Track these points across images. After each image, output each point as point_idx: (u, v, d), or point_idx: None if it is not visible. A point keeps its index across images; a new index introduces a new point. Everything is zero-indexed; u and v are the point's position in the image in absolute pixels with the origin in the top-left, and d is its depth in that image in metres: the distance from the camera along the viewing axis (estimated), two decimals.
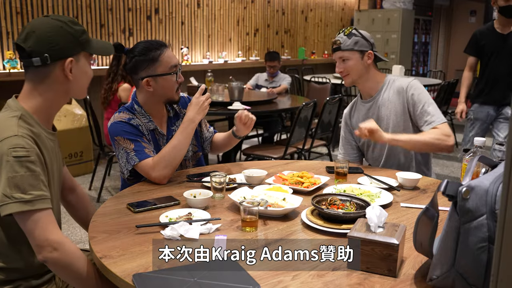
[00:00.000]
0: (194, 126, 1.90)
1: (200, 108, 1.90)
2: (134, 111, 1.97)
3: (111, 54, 1.55)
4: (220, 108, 4.08)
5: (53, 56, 1.36)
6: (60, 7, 4.90)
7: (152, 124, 1.97)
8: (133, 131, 1.89)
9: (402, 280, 1.13)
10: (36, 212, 1.27)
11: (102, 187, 4.05)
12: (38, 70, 1.38)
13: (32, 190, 1.27)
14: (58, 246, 1.29)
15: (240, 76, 6.60)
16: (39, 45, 1.35)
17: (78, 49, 1.41)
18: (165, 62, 1.91)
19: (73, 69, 1.40)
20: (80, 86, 1.47)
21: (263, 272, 1.15)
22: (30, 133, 1.33)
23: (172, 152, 1.84)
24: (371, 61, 2.20)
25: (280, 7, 7.81)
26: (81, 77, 1.45)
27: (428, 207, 1.06)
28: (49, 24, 1.37)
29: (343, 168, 1.93)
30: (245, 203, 1.40)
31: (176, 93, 1.98)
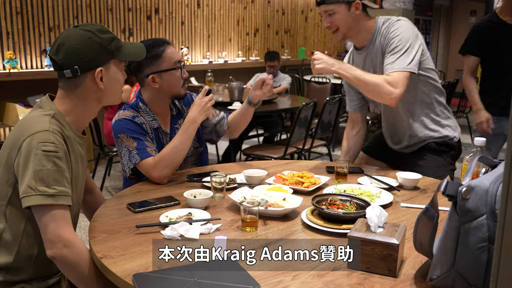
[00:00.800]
0: (195, 127, 1.89)
1: (202, 109, 1.89)
2: (138, 109, 1.97)
3: (142, 58, 1.59)
4: (220, 108, 4.08)
5: (83, 68, 1.40)
6: (60, 7, 4.90)
7: (156, 123, 1.99)
8: (136, 129, 1.89)
9: (402, 280, 1.13)
10: (56, 207, 1.30)
11: (102, 187, 4.06)
12: (70, 81, 1.42)
13: (56, 185, 1.30)
14: (68, 244, 1.30)
15: (240, 76, 6.60)
16: (69, 57, 1.39)
17: (107, 57, 1.44)
18: (169, 57, 1.94)
19: (104, 77, 1.43)
20: (113, 93, 1.50)
21: (263, 272, 1.15)
22: (60, 131, 1.37)
23: (173, 152, 1.85)
24: (359, 11, 2.05)
25: (280, 7, 7.81)
26: (113, 84, 1.48)
27: (428, 207, 1.06)
28: (77, 35, 1.40)
29: (343, 168, 1.93)
30: (245, 203, 1.40)
31: (182, 88, 2.00)
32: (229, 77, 5.71)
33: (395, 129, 2.31)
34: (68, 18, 4.98)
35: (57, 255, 1.30)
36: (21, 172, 1.30)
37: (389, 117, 2.31)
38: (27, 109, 4.34)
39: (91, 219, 1.50)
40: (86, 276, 1.34)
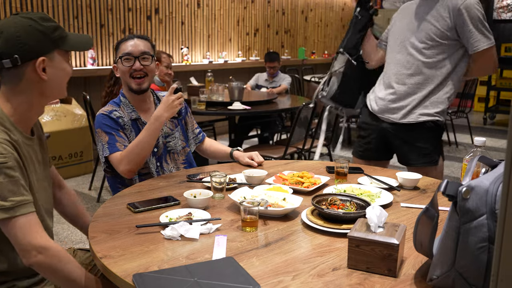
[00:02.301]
0: (159, 124, 1.91)
1: (168, 106, 1.91)
2: (120, 102, 2.08)
3: (90, 49, 1.52)
4: (220, 108, 4.08)
5: (23, 57, 1.31)
6: (60, 7, 4.90)
7: (135, 114, 2.06)
8: (110, 124, 1.97)
9: (402, 280, 1.13)
10: (18, 218, 1.25)
11: (102, 187, 4.05)
12: (11, 72, 1.33)
13: (12, 196, 1.25)
14: (42, 250, 1.26)
15: (240, 76, 6.60)
16: (8, 46, 1.30)
17: (50, 47, 1.36)
18: (121, 49, 2.05)
19: (47, 68, 1.35)
20: (58, 85, 1.41)
21: (263, 272, 1.15)
22: (7, 138, 1.30)
23: (137, 148, 1.89)
24: None
25: (280, 7, 7.80)
26: (58, 75, 1.39)
27: (428, 207, 1.06)
28: (17, 23, 1.32)
29: (343, 168, 1.93)
30: (245, 203, 1.40)
31: (132, 80, 2.03)
32: (229, 77, 5.71)
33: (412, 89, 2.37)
34: (68, 18, 4.98)
35: (33, 263, 1.26)
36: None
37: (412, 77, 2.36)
38: None
39: (92, 219, 1.50)
40: (71, 279, 1.32)
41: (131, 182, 2.02)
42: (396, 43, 2.43)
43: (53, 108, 4.48)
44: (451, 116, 6.28)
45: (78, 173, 4.67)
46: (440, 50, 2.29)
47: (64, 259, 1.31)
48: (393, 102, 2.41)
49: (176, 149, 2.14)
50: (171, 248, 1.28)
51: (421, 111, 2.36)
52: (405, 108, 2.38)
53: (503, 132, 7.46)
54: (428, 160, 2.41)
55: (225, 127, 5.64)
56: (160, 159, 2.09)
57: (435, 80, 2.33)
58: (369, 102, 2.55)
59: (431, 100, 2.35)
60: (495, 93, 8.80)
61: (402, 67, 2.38)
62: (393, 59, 2.44)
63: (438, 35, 2.27)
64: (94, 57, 5.15)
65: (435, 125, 2.38)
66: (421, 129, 2.38)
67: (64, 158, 4.54)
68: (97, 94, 5.02)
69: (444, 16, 2.26)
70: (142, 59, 2.03)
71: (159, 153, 2.09)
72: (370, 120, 2.55)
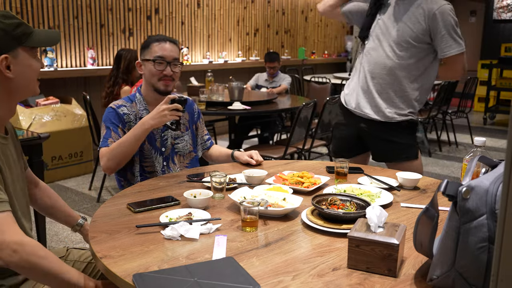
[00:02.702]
0: (144, 130, 1.89)
1: (156, 115, 1.88)
2: (134, 98, 2.10)
3: (56, 43, 1.49)
4: (220, 108, 4.08)
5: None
6: (60, 7, 4.90)
7: (146, 112, 2.06)
8: (113, 119, 2.01)
9: (402, 280, 1.13)
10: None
11: (102, 187, 4.05)
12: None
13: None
14: (17, 247, 1.22)
15: (240, 76, 6.60)
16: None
17: (12, 44, 1.33)
18: (153, 51, 2.05)
19: (11, 66, 1.33)
20: (26, 83, 1.38)
21: (263, 272, 1.15)
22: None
23: (118, 147, 1.91)
24: None
25: (280, 7, 7.80)
26: (24, 72, 1.36)
27: (428, 207, 1.06)
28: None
29: (343, 168, 1.93)
30: (245, 203, 1.40)
31: (160, 83, 2.05)
32: (229, 77, 5.71)
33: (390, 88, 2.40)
34: (68, 18, 4.98)
35: (8, 261, 1.22)
36: None
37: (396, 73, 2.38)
38: (27, 109, 4.35)
39: (92, 219, 1.50)
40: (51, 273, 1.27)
41: (133, 178, 2.04)
42: (372, 37, 2.45)
43: (53, 108, 4.48)
44: (451, 116, 6.28)
45: (78, 173, 4.67)
46: (414, 52, 2.34)
47: (41, 253, 1.26)
48: (368, 99, 2.45)
49: (184, 152, 2.15)
50: (171, 248, 1.28)
51: (395, 110, 2.41)
52: (379, 107, 2.42)
53: (503, 132, 7.46)
54: (406, 155, 2.46)
55: (225, 127, 5.64)
56: (167, 159, 2.10)
57: (407, 81, 2.37)
58: (344, 98, 2.58)
59: (403, 100, 2.40)
60: (495, 93, 8.80)
61: (376, 65, 2.41)
62: (368, 55, 2.46)
63: (413, 38, 2.31)
64: (94, 57, 5.15)
65: (409, 123, 2.44)
66: (396, 127, 2.43)
67: (64, 158, 4.54)
68: (97, 94, 5.03)
69: (419, 20, 2.30)
70: (173, 65, 2.05)
71: (166, 153, 2.10)
72: (345, 119, 2.59)
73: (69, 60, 5.06)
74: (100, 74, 5.09)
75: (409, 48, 2.33)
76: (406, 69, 2.35)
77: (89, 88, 5.13)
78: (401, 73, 2.36)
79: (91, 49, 5.15)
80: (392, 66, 2.36)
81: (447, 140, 6.45)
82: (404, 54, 2.34)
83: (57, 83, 4.91)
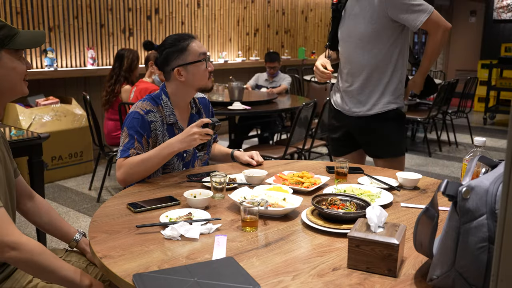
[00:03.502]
0: (171, 153, 1.85)
1: (185, 138, 1.83)
2: (160, 101, 1.99)
3: (41, 44, 1.49)
4: (220, 108, 4.08)
5: None
6: (60, 7, 4.90)
7: (173, 118, 2.00)
8: (139, 127, 1.90)
9: (402, 280, 1.13)
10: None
11: (102, 187, 4.05)
12: None
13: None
14: (15, 246, 1.24)
15: (240, 76, 6.60)
16: None
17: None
18: (194, 50, 1.96)
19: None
20: (11, 85, 1.38)
21: (263, 272, 1.15)
22: None
23: (141, 164, 1.84)
24: None
25: (280, 7, 7.80)
26: (8, 75, 1.36)
27: (428, 207, 1.06)
28: None
29: (343, 168, 1.93)
30: (245, 203, 1.40)
31: (209, 80, 2.01)
32: (229, 77, 5.71)
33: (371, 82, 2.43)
34: (68, 18, 4.98)
35: (8, 259, 1.25)
36: None
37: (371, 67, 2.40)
38: (27, 109, 4.34)
39: (92, 219, 1.50)
40: (46, 269, 1.29)
41: None
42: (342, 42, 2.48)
43: (53, 108, 4.48)
44: (451, 116, 6.28)
45: (78, 173, 4.67)
46: (383, 40, 2.35)
47: (38, 251, 1.28)
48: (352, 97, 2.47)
49: (202, 155, 2.13)
50: (171, 248, 1.28)
51: (383, 100, 2.43)
52: (368, 102, 2.44)
53: (503, 132, 7.47)
54: (394, 152, 2.48)
55: (225, 127, 5.64)
56: (187, 165, 2.06)
57: (388, 69, 2.39)
58: (334, 100, 2.61)
59: (389, 89, 2.42)
60: (495, 93, 8.81)
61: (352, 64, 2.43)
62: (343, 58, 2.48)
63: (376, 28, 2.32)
64: (94, 57, 5.15)
65: (398, 114, 2.46)
66: (386, 120, 2.44)
67: (64, 158, 4.54)
68: (97, 94, 5.03)
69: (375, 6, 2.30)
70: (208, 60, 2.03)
71: (187, 158, 2.05)
72: (336, 120, 2.60)
73: (69, 60, 5.06)
74: (100, 74, 5.09)
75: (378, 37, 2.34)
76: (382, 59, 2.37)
77: (89, 88, 5.13)
78: (375, 66, 2.38)
79: (91, 49, 5.15)
80: (366, 62, 2.38)
81: (447, 140, 6.45)
82: (373, 47, 2.36)
83: (57, 83, 4.91)
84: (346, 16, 2.44)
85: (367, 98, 2.44)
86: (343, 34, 2.46)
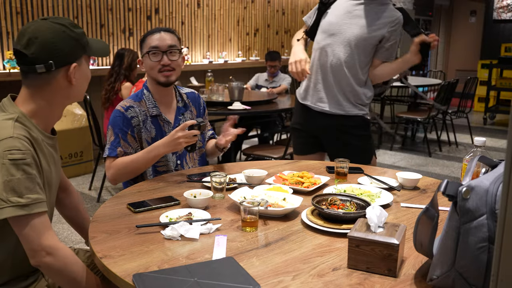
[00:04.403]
0: (156, 155, 1.88)
1: (170, 142, 1.85)
2: (142, 96, 2.05)
3: (108, 55, 1.56)
4: (220, 108, 4.08)
5: (58, 63, 1.34)
6: (60, 7, 4.90)
7: (156, 110, 2.03)
8: (121, 124, 1.95)
9: (402, 280, 1.13)
10: (32, 216, 1.25)
11: (102, 187, 4.06)
12: (40, 77, 1.34)
13: (28, 193, 1.25)
14: (52, 251, 1.27)
15: (240, 76, 6.60)
16: (44, 52, 1.32)
17: (80, 53, 1.40)
18: (148, 43, 2.01)
19: (76, 73, 1.39)
20: (81, 90, 1.46)
21: (263, 272, 1.15)
22: (26, 135, 1.30)
23: (129, 166, 1.90)
24: None
25: (280, 7, 7.81)
26: (83, 80, 1.44)
27: (428, 207, 1.06)
28: (51, 29, 1.33)
29: (343, 168, 1.93)
30: (245, 203, 1.40)
31: (160, 74, 2.00)
32: (229, 77, 5.71)
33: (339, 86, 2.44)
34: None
35: (41, 263, 1.27)
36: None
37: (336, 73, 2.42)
38: None
39: (92, 219, 1.50)
40: (75, 280, 1.33)
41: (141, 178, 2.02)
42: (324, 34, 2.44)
43: None
44: (451, 116, 6.28)
45: (78, 173, 4.67)
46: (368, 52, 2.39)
47: (72, 260, 1.32)
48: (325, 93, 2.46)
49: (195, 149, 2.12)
50: (171, 248, 1.28)
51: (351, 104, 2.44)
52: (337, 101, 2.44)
53: (503, 132, 7.47)
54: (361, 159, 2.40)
55: None
56: (181, 157, 2.09)
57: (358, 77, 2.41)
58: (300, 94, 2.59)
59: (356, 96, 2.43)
60: (495, 93, 8.81)
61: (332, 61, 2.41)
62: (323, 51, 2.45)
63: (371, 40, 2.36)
64: (94, 57, 5.15)
65: (364, 121, 2.47)
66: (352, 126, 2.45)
67: (64, 158, 4.54)
68: (97, 94, 5.02)
69: (378, 24, 2.34)
70: (169, 54, 2.01)
71: (180, 151, 2.08)
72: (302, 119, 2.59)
73: None
74: (99, 74, 5.09)
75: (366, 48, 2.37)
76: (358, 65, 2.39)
77: (89, 88, 5.08)
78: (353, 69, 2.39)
79: None
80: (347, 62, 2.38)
81: (447, 140, 6.45)
82: (362, 53, 2.37)
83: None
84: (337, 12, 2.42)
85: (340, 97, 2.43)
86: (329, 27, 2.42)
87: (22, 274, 1.43)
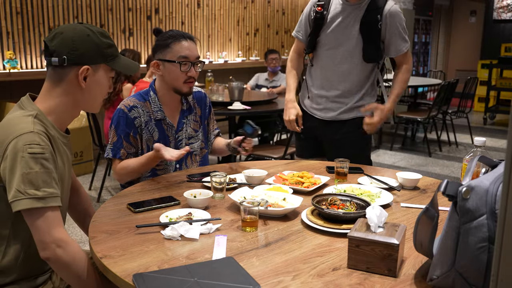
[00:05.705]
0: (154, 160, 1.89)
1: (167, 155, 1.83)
2: (148, 97, 2.02)
3: (134, 73, 1.62)
4: (220, 108, 4.08)
5: (71, 60, 1.38)
6: (60, 7, 4.90)
7: (161, 114, 2.01)
8: (124, 125, 1.95)
9: (402, 280, 1.13)
10: (47, 209, 1.29)
11: (102, 187, 4.05)
12: (55, 70, 1.40)
13: (45, 187, 1.29)
14: (62, 244, 1.30)
15: (240, 76, 6.60)
16: (62, 46, 1.38)
17: (98, 60, 1.43)
18: (175, 50, 1.95)
19: (88, 78, 1.42)
20: (92, 98, 1.47)
21: (263, 272, 1.15)
22: (45, 131, 1.35)
23: (137, 167, 1.92)
24: None
25: (280, 7, 7.80)
26: (95, 88, 1.45)
27: (428, 207, 1.06)
28: (78, 29, 1.40)
29: (343, 168, 1.93)
30: (245, 203, 1.40)
31: (184, 85, 1.98)
32: (229, 77, 5.71)
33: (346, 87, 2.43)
34: (68, 18, 4.98)
35: (51, 256, 1.29)
36: (9, 176, 1.28)
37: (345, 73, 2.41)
38: None
39: (91, 219, 1.50)
40: (81, 276, 1.34)
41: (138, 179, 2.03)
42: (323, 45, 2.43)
43: None
44: (451, 116, 6.28)
45: (78, 173, 4.66)
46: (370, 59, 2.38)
47: (80, 256, 1.34)
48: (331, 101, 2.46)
49: (197, 151, 2.13)
50: (171, 248, 1.28)
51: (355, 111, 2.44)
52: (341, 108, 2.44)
53: (503, 132, 7.47)
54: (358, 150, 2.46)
55: (225, 127, 5.64)
56: (181, 160, 2.06)
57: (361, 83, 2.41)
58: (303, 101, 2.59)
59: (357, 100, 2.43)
60: (495, 93, 8.81)
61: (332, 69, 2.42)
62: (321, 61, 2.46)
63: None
64: None
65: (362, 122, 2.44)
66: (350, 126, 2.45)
67: None
68: None
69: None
70: (196, 65, 1.98)
71: None
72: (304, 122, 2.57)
73: None
74: None
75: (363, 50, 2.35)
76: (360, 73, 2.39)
77: None
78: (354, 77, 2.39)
79: None
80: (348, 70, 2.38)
81: (447, 140, 6.45)
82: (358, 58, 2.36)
83: None
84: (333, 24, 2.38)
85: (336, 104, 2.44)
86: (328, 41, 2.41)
87: (32, 274, 1.44)
